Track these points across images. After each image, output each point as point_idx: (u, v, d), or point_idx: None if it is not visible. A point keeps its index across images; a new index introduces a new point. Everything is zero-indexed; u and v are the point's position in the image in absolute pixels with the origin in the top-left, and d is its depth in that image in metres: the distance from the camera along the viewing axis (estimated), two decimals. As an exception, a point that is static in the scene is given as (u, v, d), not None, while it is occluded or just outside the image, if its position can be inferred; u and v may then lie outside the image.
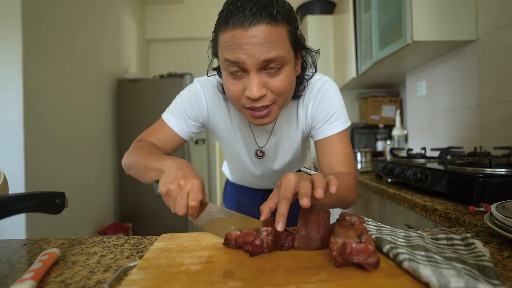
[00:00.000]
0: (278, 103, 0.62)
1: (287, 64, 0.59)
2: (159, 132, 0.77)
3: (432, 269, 0.32)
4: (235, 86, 0.60)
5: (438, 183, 0.86)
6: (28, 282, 0.34)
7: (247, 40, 0.54)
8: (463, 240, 0.44)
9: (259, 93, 0.57)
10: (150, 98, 2.59)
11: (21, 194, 0.42)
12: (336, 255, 0.37)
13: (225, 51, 0.57)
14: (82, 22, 2.12)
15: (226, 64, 0.58)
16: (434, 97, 1.65)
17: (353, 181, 0.67)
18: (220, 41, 0.59)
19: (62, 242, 0.53)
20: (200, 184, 0.50)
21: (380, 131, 2.20)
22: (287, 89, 0.61)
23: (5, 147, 1.53)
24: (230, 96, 0.63)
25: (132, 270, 0.38)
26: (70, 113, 1.95)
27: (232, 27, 0.55)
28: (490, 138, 1.25)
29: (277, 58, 0.56)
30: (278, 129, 0.78)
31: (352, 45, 2.12)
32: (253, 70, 0.56)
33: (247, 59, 0.55)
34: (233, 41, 0.55)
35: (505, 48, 1.16)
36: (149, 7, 3.39)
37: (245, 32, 0.54)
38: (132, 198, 2.61)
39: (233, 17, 0.54)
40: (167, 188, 0.50)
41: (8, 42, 1.52)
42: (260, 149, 0.80)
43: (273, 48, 0.55)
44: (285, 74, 0.59)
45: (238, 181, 1.03)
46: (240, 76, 0.59)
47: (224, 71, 0.61)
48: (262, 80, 0.58)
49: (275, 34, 0.55)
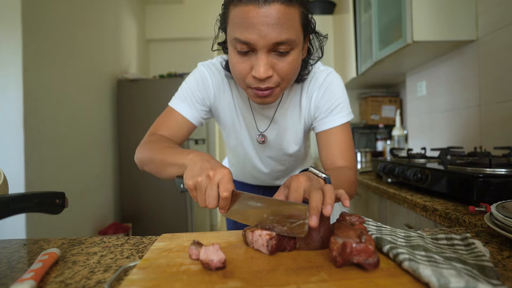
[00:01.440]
0: (282, 85, 0.62)
1: (296, 47, 0.58)
2: (169, 121, 0.74)
3: (432, 269, 0.32)
4: (242, 64, 0.59)
5: (438, 183, 0.86)
6: (28, 282, 0.34)
7: (260, 19, 0.53)
8: (463, 240, 0.44)
9: (266, 73, 0.57)
10: (150, 98, 2.59)
11: (21, 194, 0.42)
12: (336, 255, 0.37)
13: (236, 29, 0.56)
14: (82, 22, 2.12)
15: (235, 42, 0.57)
16: (434, 97, 1.65)
17: (353, 175, 0.68)
18: (231, 16, 0.57)
19: (62, 242, 0.53)
20: (230, 174, 0.47)
21: (380, 131, 2.20)
22: (292, 72, 0.61)
23: (5, 147, 1.53)
24: (236, 74, 0.62)
25: (132, 270, 0.37)
26: (70, 113, 1.95)
27: (245, 4, 0.53)
28: (490, 138, 1.25)
29: (288, 41, 0.55)
30: (280, 116, 0.77)
31: (352, 45, 2.12)
32: (263, 51, 0.56)
33: (258, 40, 0.54)
34: (245, 19, 0.54)
35: (505, 48, 1.16)
36: (149, 7, 3.39)
37: (258, 9, 0.52)
38: (132, 198, 2.61)
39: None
40: (195, 180, 0.47)
41: (8, 42, 1.52)
42: (262, 133, 0.79)
43: (285, 30, 0.54)
44: (292, 57, 0.58)
45: (238, 176, 1.01)
46: (248, 54, 0.58)
47: (231, 48, 0.60)
48: (270, 61, 0.57)
49: (288, 15, 0.54)
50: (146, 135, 0.75)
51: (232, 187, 0.46)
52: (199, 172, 0.48)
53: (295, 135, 0.81)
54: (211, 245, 0.39)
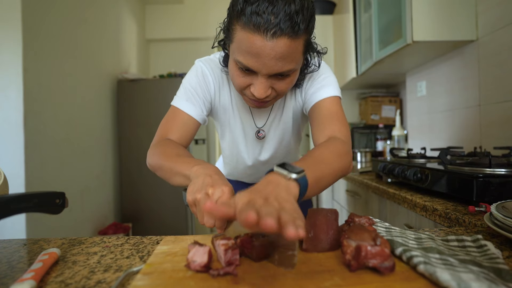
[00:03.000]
0: (278, 97, 0.66)
1: (296, 71, 0.61)
2: (176, 122, 0.73)
3: (450, 273, 0.31)
4: (242, 78, 0.61)
5: (438, 183, 0.86)
6: (28, 282, 0.34)
7: (266, 51, 0.53)
8: (474, 242, 0.43)
9: (265, 94, 0.60)
10: (150, 98, 2.59)
11: (21, 194, 0.42)
12: (350, 259, 0.35)
13: (240, 53, 0.57)
14: (82, 22, 2.12)
15: (237, 61, 0.58)
16: (434, 97, 1.65)
17: (343, 145, 0.62)
18: (237, 37, 0.56)
19: (62, 242, 0.53)
20: (230, 192, 0.46)
21: (380, 131, 2.20)
22: (290, 88, 0.64)
23: (5, 147, 1.53)
24: (235, 84, 0.64)
25: (137, 276, 0.36)
26: (70, 113, 1.95)
27: (253, 30, 0.53)
28: (490, 138, 1.25)
29: (288, 71, 0.58)
30: (278, 110, 0.80)
31: (352, 45, 2.12)
32: (264, 76, 0.58)
33: (261, 70, 0.56)
34: (251, 48, 0.54)
35: (505, 48, 1.16)
36: (149, 7, 3.39)
37: (266, 41, 0.53)
38: (132, 198, 2.61)
39: (256, 17, 0.52)
40: (194, 197, 0.46)
41: (8, 42, 1.52)
42: (260, 129, 0.81)
43: (288, 62, 0.56)
44: (291, 78, 0.61)
45: (232, 175, 1.00)
46: (249, 72, 0.59)
47: (233, 61, 0.61)
48: (270, 82, 0.60)
49: (293, 48, 0.55)
50: (156, 139, 0.73)
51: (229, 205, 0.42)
52: (199, 188, 0.47)
53: (286, 125, 0.82)
54: (203, 246, 0.38)
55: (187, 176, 0.54)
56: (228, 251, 0.37)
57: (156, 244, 0.51)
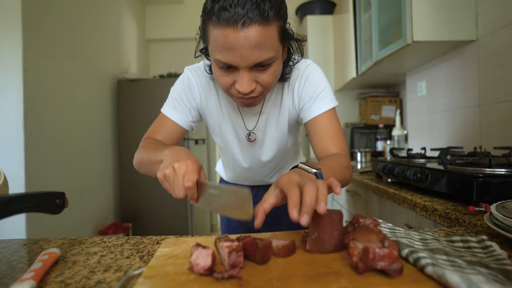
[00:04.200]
0: (265, 92, 0.66)
1: (276, 60, 0.61)
2: (162, 127, 0.78)
3: (459, 275, 0.30)
4: (225, 78, 0.62)
5: (438, 183, 0.86)
6: (28, 282, 0.34)
7: (240, 42, 0.54)
8: (479, 243, 0.43)
9: (250, 88, 0.60)
10: (150, 98, 2.59)
11: (21, 194, 0.42)
12: (357, 261, 0.35)
13: (217, 51, 0.58)
14: (82, 22, 2.12)
15: (217, 61, 0.60)
16: (434, 97, 1.65)
17: (346, 161, 0.68)
18: (211, 36, 0.58)
19: (62, 242, 0.53)
20: (194, 164, 0.49)
21: (380, 131, 2.20)
22: (275, 79, 0.64)
23: (5, 147, 1.53)
24: (220, 85, 0.65)
25: (139, 280, 0.35)
26: (70, 113, 1.95)
27: (224, 25, 0.54)
28: (490, 138, 1.25)
29: (267, 60, 0.58)
30: (267, 111, 0.79)
31: (352, 45, 2.12)
32: (245, 69, 0.59)
33: (240, 63, 0.57)
34: (226, 43, 0.55)
35: (505, 48, 1.16)
36: (149, 7, 3.39)
37: (238, 33, 0.54)
38: (132, 198, 2.61)
39: (224, 12, 0.53)
40: (163, 173, 0.50)
41: (8, 42, 1.52)
42: (250, 131, 0.81)
43: (264, 50, 0.56)
44: (273, 68, 0.61)
45: (231, 177, 1.01)
46: (230, 70, 0.60)
47: (214, 63, 0.62)
48: (252, 75, 0.60)
49: (266, 35, 0.56)
50: (142, 140, 0.78)
51: (196, 177, 0.48)
52: (167, 165, 0.50)
53: (280, 129, 0.81)
54: (206, 249, 0.37)
55: (160, 161, 0.56)
56: (232, 253, 0.36)
57: (156, 244, 0.51)
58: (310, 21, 2.60)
